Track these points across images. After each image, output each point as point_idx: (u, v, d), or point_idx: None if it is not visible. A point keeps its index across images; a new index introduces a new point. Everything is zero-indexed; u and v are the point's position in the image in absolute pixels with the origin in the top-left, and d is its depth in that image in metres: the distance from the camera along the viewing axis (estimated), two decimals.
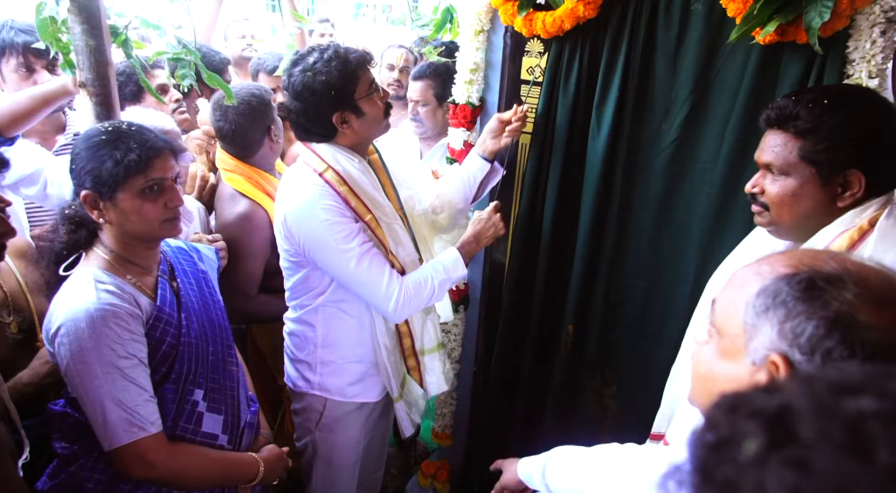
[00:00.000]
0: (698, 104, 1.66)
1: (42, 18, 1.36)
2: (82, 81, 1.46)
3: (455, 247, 1.78)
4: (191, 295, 1.47)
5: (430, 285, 1.68)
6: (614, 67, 1.72)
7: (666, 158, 1.74)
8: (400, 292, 1.62)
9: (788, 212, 1.18)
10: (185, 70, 1.62)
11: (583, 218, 1.86)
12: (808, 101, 1.15)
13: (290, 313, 1.85)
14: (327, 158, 1.63)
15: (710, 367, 0.72)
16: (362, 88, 1.61)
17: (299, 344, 1.82)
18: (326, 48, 1.60)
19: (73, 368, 1.25)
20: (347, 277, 1.62)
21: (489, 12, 1.87)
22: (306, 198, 1.60)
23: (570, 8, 1.68)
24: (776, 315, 0.64)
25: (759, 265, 0.71)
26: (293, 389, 1.89)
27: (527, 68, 1.91)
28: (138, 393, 1.27)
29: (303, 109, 1.60)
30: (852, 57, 1.45)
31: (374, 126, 1.67)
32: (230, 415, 1.49)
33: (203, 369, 1.42)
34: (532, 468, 1.25)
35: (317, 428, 1.86)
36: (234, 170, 2.07)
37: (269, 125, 2.07)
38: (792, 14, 1.41)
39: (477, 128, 2.00)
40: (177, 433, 1.37)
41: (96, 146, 1.28)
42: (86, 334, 1.23)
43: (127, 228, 1.33)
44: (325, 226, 1.57)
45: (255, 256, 2.01)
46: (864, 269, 0.64)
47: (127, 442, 1.26)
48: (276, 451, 1.61)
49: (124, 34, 1.52)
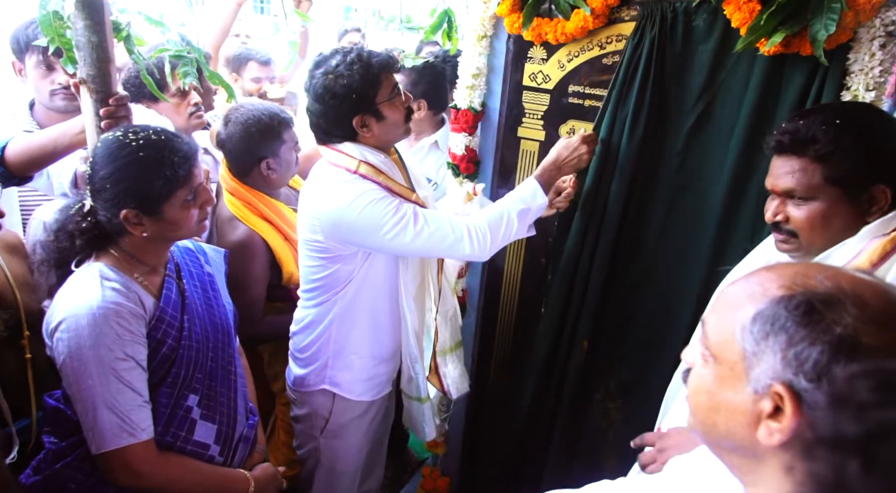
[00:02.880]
0: (703, 115, 1.67)
1: (45, 14, 1.33)
2: (83, 78, 1.43)
3: (532, 177, 1.73)
4: (195, 297, 1.45)
5: (506, 217, 1.65)
6: (633, 82, 1.71)
7: (672, 171, 1.74)
8: (470, 230, 1.60)
9: (821, 235, 1.18)
10: (188, 68, 1.59)
11: (604, 234, 1.82)
12: (821, 122, 1.14)
13: (303, 310, 1.82)
14: (356, 155, 1.61)
15: (710, 396, 0.70)
16: (384, 92, 1.60)
17: (313, 339, 1.79)
18: (350, 51, 1.58)
19: (68, 365, 1.23)
20: (412, 243, 1.58)
21: (493, 18, 1.88)
22: (346, 196, 1.57)
23: (581, 25, 1.73)
24: (777, 342, 0.63)
25: (749, 284, 0.69)
26: (298, 390, 1.86)
27: (529, 74, 1.91)
28: (132, 398, 1.25)
29: (322, 111, 1.60)
30: (852, 69, 1.47)
31: (395, 130, 1.66)
32: (225, 425, 1.46)
33: (200, 374, 1.39)
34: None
35: (322, 435, 1.84)
36: (234, 192, 2.01)
37: (263, 157, 1.96)
38: (797, 26, 1.43)
39: (478, 133, 2.00)
40: (167, 439, 1.34)
41: (137, 165, 1.25)
42: (85, 333, 1.21)
43: (168, 236, 1.34)
44: (371, 207, 1.55)
45: (257, 282, 1.99)
46: (859, 285, 0.63)
47: (114, 448, 1.23)
48: (270, 470, 1.57)
49: (126, 30, 1.49)
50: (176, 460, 1.35)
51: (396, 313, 1.78)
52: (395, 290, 1.75)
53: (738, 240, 1.66)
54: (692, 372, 0.75)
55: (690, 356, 0.76)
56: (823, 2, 1.41)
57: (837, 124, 1.13)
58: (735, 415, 0.66)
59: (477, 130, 2.00)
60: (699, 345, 0.74)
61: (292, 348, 1.87)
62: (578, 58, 1.82)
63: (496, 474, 2.20)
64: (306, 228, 1.69)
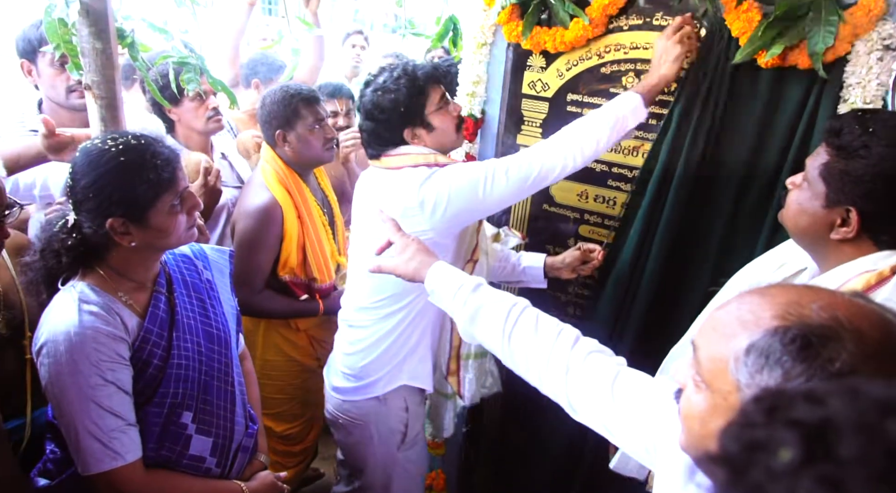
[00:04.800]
0: (711, 129, 1.64)
1: (51, 20, 1.36)
2: (88, 84, 1.46)
3: (633, 91, 1.61)
4: (188, 310, 1.41)
5: (594, 128, 1.58)
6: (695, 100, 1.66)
7: (730, 190, 1.68)
8: (552, 150, 1.57)
9: (790, 219, 1.19)
10: (191, 74, 1.62)
11: (655, 251, 1.76)
12: (855, 120, 1.11)
13: (370, 326, 1.75)
14: (425, 151, 1.63)
15: (702, 424, 0.70)
16: (432, 102, 1.63)
17: (390, 343, 1.74)
18: (396, 67, 1.63)
19: (50, 391, 1.23)
20: (508, 186, 1.55)
21: (493, 26, 1.90)
22: (436, 179, 1.56)
23: (580, 35, 1.75)
24: (772, 376, 0.62)
25: (740, 310, 0.68)
26: (359, 408, 1.80)
27: (528, 82, 1.93)
28: (114, 422, 1.23)
29: (374, 127, 1.63)
30: (849, 82, 1.47)
31: (446, 139, 1.68)
32: (221, 438, 1.42)
33: (193, 391, 1.36)
34: (453, 304, 1.22)
35: (401, 447, 1.84)
36: (267, 160, 2.09)
37: (278, 127, 2.04)
38: (796, 38, 1.44)
39: (478, 140, 2.02)
40: (162, 454, 1.32)
41: (119, 171, 1.21)
42: (63, 359, 1.19)
43: (157, 244, 1.30)
44: (458, 176, 1.55)
45: (267, 249, 2.02)
46: (856, 316, 0.61)
47: (98, 472, 1.22)
48: (268, 479, 1.53)
49: (131, 37, 1.52)
50: (165, 478, 1.33)
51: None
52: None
53: (743, 257, 1.61)
54: (684, 395, 0.75)
55: (681, 377, 0.75)
56: (821, 15, 1.43)
57: (870, 132, 1.08)
58: None
59: (477, 137, 2.01)
60: (690, 368, 0.73)
61: (349, 369, 1.80)
62: (577, 67, 1.84)
63: (494, 476, 2.21)
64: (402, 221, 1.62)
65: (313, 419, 2.35)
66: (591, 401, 1.06)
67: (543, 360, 1.11)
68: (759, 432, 0.39)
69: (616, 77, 1.80)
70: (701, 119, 1.64)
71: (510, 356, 1.17)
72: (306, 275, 2.11)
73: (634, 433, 1.01)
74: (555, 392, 1.11)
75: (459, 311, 1.22)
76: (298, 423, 2.30)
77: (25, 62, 2.01)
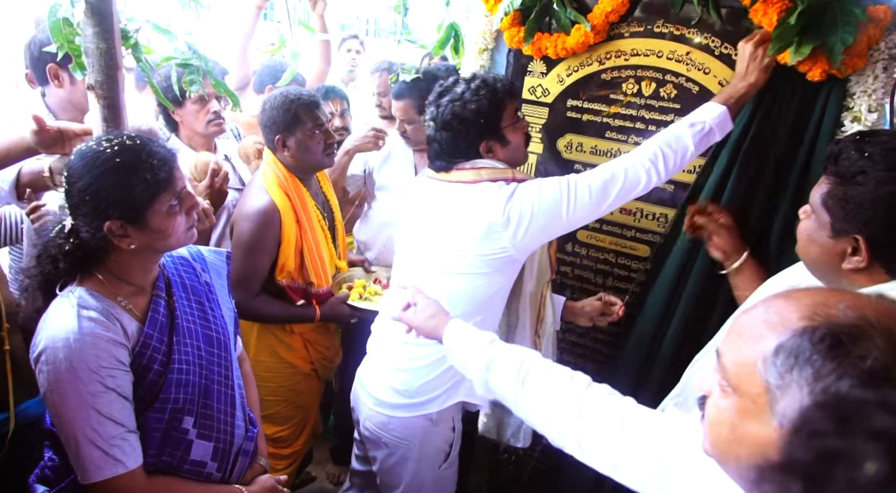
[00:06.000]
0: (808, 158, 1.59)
1: (55, 20, 1.35)
2: (91, 84, 1.45)
3: (715, 102, 1.54)
4: (188, 314, 1.40)
5: (679, 141, 1.52)
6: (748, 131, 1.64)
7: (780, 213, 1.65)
8: (635, 163, 1.52)
9: (801, 251, 1.20)
10: (194, 76, 1.62)
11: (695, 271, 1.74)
12: (852, 144, 1.10)
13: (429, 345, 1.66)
14: (500, 165, 1.60)
15: (731, 429, 0.69)
16: (508, 117, 1.61)
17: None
18: (473, 78, 1.61)
19: (49, 398, 1.21)
20: (591, 202, 1.51)
21: (494, 31, 1.91)
22: (519, 194, 1.52)
23: (582, 41, 1.75)
24: (803, 376, 0.61)
25: (766, 313, 0.68)
26: (410, 425, 1.75)
27: (529, 88, 1.94)
28: (115, 429, 1.21)
29: (451, 137, 1.60)
30: (853, 90, 1.49)
31: (516, 155, 1.65)
32: (222, 442, 1.41)
33: (194, 396, 1.35)
34: (469, 355, 1.26)
35: (443, 465, 1.81)
36: (270, 165, 2.08)
37: (277, 132, 2.03)
38: (817, 40, 1.42)
39: None
40: (163, 459, 1.31)
41: (114, 172, 1.19)
42: (63, 366, 1.17)
43: (156, 246, 1.28)
44: (539, 190, 1.51)
45: (265, 252, 2.01)
46: (883, 315, 0.61)
47: (98, 480, 1.21)
48: (269, 483, 1.51)
49: (135, 38, 1.52)
50: (165, 484, 1.32)
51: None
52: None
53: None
54: (709, 401, 0.74)
55: (706, 384, 0.75)
56: (836, 15, 1.40)
57: (865, 155, 1.07)
58: (761, 450, 0.66)
59: None
60: (715, 374, 0.73)
61: (403, 386, 1.74)
62: (578, 72, 1.85)
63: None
64: (476, 238, 1.57)
65: (304, 422, 2.34)
66: (601, 438, 1.06)
67: (556, 402, 1.13)
68: (832, 441, 0.37)
69: (616, 83, 1.81)
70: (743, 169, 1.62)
71: (523, 402, 1.18)
72: (303, 279, 2.10)
73: (644, 464, 1.00)
74: (564, 435, 1.12)
75: (476, 361, 1.26)
76: (289, 426, 2.28)
77: (53, 66, 1.95)
